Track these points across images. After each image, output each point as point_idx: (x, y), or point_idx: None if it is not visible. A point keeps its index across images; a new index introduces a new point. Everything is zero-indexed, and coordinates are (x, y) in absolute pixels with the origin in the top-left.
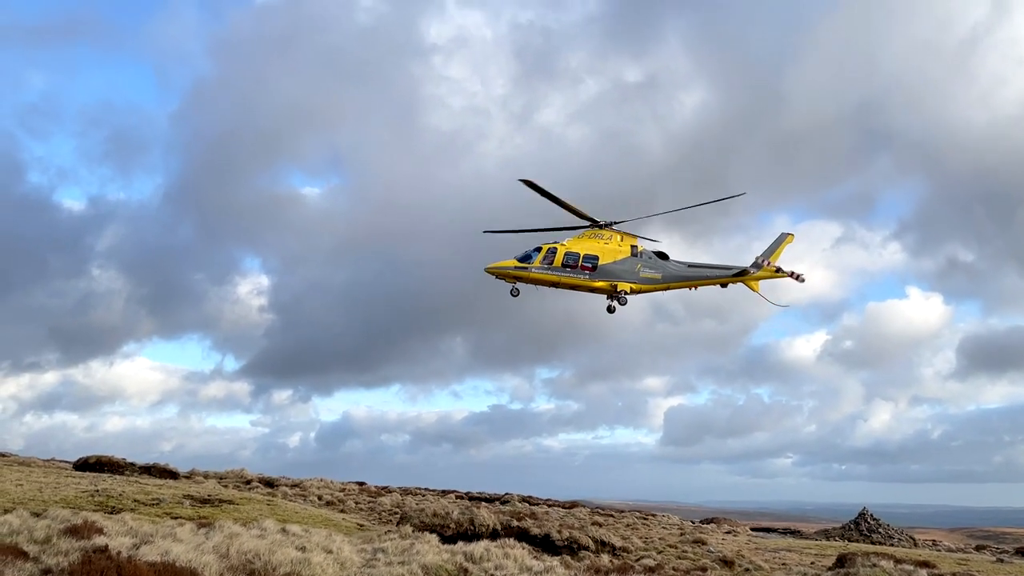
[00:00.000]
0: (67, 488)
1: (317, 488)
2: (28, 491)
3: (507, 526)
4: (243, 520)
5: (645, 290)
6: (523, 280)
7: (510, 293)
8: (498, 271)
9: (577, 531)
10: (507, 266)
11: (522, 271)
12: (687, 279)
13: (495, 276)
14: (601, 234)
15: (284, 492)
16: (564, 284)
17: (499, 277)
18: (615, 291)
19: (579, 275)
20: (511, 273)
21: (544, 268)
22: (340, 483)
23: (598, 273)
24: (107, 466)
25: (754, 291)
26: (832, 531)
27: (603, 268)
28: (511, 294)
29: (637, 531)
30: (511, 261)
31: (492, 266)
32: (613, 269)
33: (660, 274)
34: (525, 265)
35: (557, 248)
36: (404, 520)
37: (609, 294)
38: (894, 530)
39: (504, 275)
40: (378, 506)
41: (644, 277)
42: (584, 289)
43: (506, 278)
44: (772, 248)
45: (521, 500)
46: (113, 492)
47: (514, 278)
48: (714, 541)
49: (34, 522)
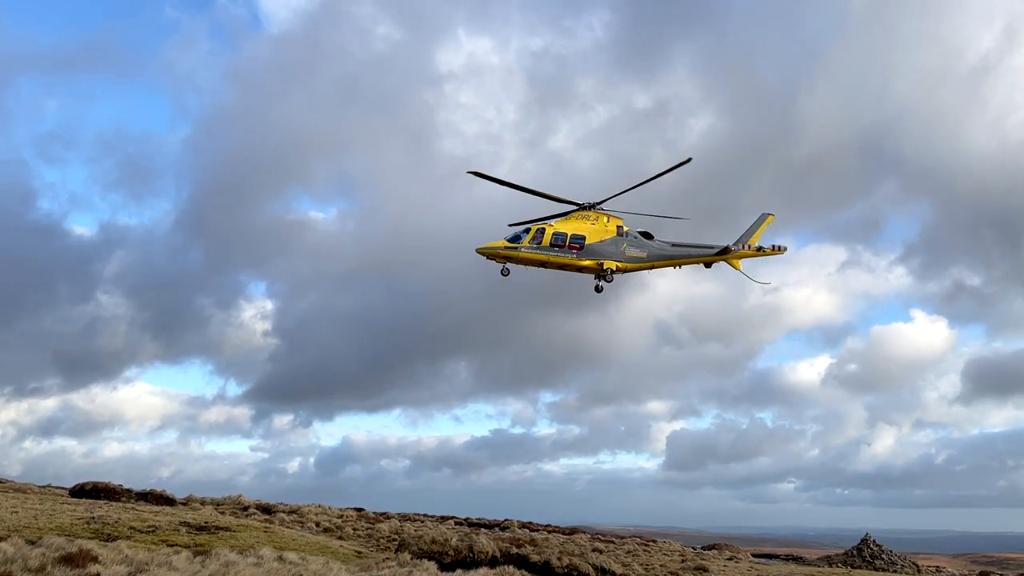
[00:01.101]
0: (62, 515)
1: (315, 514)
2: (23, 518)
3: (506, 553)
4: (240, 548)
5: (631, 268)
6: (513, 260)
7: (500, 273)
8: (489, 251)
9: (577, 558)
10: (497, 246)
11: (512, 251)
12: (671, 258)
13: (486, 256)
14: (588, 215)
15: (281, 519)
16: (552, 263)
17: (490, 257)
18: (602, 269)
19: (567, 254)
20: (501, 253)
21: (533, 248)
22: (338, 509)
23: (585, 252)
24: (103, 492)
25: (736, 269)
26: (835, 557)
27: (590, 247)
28: (501, 273)
29: (638, 557)
30: (501, 242)
31: (483, 247)
32: (600, 248)
33: (645, 253)
34: (515, 245)
35: (545, 228)
36: (402, 547)
37: (596, 273)
38: (897, 556)
39: (495, 255)
40: (376, 533)
41: (630, 256)
42: (572, 268)
43: (496, 258)
44: (753, 228)
45: (521, 526)
46: (109, 519)
47: (504, 258)
48: (715, 568)
49: (29, 550)
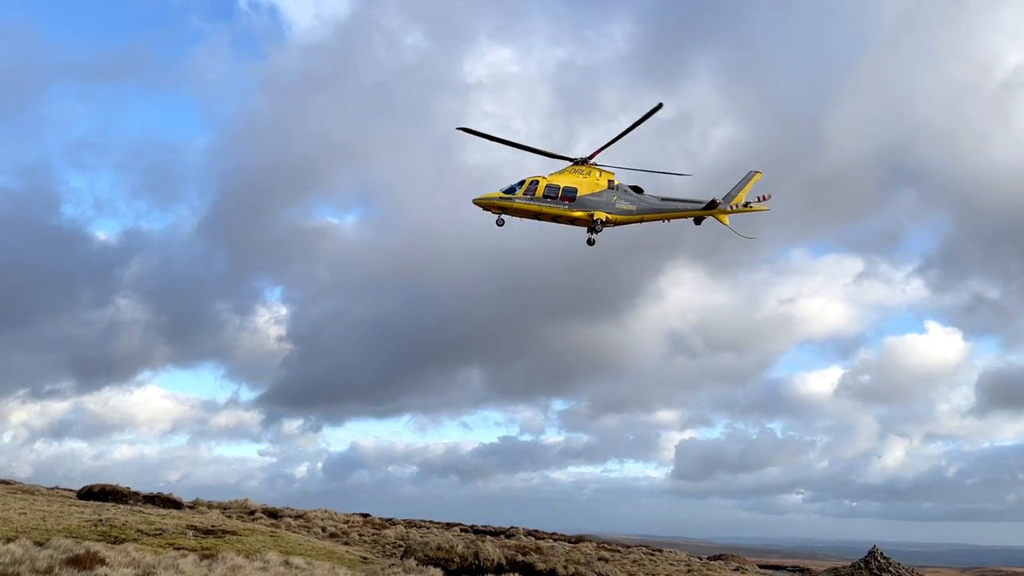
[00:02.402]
0: (70, 517)
1: (321, 519)
2: (31, 520)
3: (512, 561)
4: (246, 552)
5: (621, 221)
6: (508, 211)
7: (496, 223)
8: (485, 202)
9: (583, 567)
10: (493, 197)
11: (507, 201)
12: (660, 211)
13: (482, 208)
14: (581, 169)
15: (288, 523)
16: (545, 214)
17: (486, 208)
18: (592, 220)
19: (559, 205)
20: (496, 203)
21: (527, 199)
22: (344, 515)
23: (577, 204)
24: (111, 495)
25: (723, 224)
26: (842, 569)
27: (581, 199)
28: (496, 224)
29: (644, 567)
30: (496, 193)
31: (479, 197)
32: (591, 200)
33: (635, 206)
34: (509, 196)
35: (539, 181)
36: (408, 554)
37: (588, 226)
38: (905, 569)
39: (490, 205)
40: (382, 539)
41: (620, 208)
42: (564, 219)
43: (492, 208)
44: (741, 185)
45: (527, 534)
46: (116, 522)
47: (499, 208)
48: None
49: (37, 552)
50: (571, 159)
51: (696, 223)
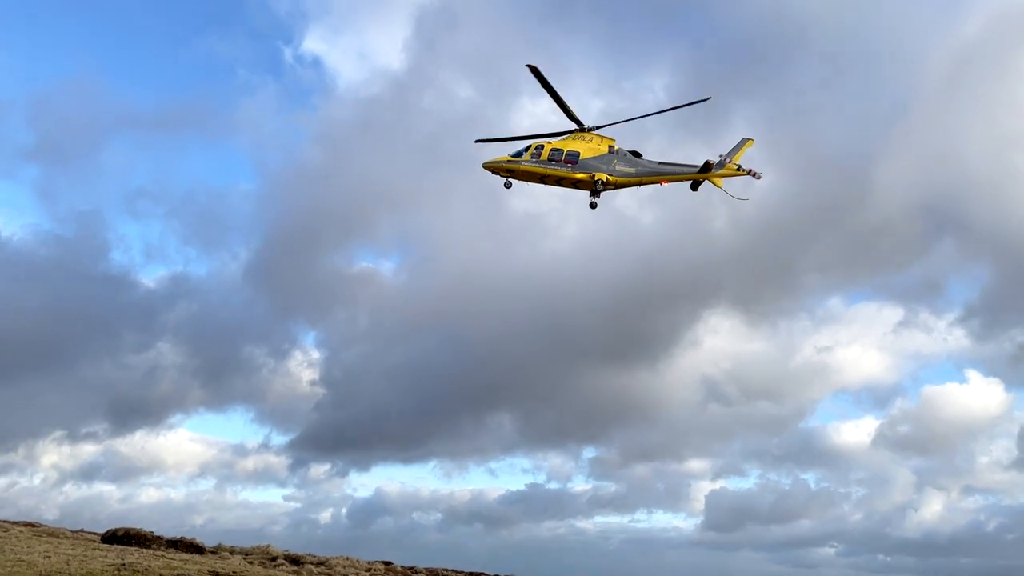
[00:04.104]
0: (94, 561)
1: (343, 567)
2: (56, 563)
3: None
4: None
5: (621, 183)
6: (515, 174)
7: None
8: (493, 165)
9: None
10: (501, 160)
11: (514, 164)
12: (657, 174)
13: (491, 171)
14: (584, 136)
15: (310, 570)
16: (550, 176)
17: (494, 171)
18: (594, 182)
19: (562, 168)
20: (504, 166)
21: (533, 161)
22: (367, 562)
23: (579, 167)
24: (135, 539)
25: (717, 187)
26: None
27: (583, 162)
28: (504, 187)
29: None
30: (505, 156)
31: (488, 161)
32: (592, 163)
33: (634, 169)
34: (516, 159)
35: (544, 145)
36: None
37: (590, 189)
38: None
39: (499, 168)
40: None
41: (619, 171)
42: (568, 182)
43: (500, 171)
44: (734, 150)
45: None
46: (139, 566)
47: (507, 171)
48: None
49: None
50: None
51: (693, 188)
